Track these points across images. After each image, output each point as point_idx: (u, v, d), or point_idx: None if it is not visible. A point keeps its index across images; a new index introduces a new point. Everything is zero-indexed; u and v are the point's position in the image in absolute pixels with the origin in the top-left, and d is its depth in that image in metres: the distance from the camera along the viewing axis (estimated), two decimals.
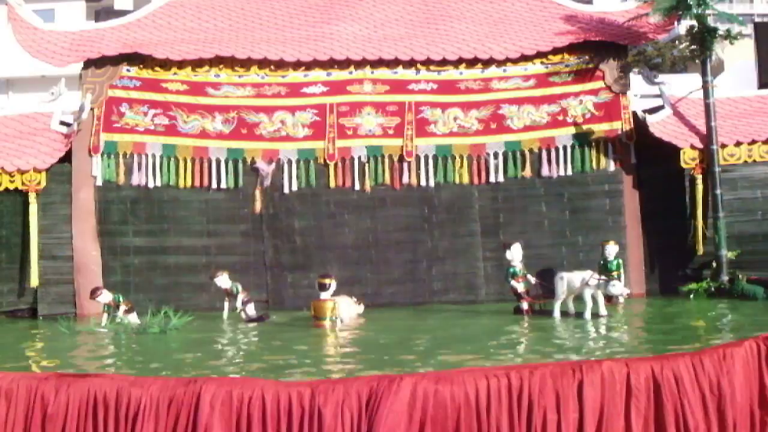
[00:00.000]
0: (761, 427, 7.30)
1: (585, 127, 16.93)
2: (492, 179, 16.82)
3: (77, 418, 6.93)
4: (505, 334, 11.85)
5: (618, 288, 13.23)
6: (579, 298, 13.20)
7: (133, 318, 13.67)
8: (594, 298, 12.96)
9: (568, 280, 13.17)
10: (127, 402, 6.83)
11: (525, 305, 13.62)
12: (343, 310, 13.46)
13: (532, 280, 13.86)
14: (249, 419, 6.66)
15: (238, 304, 14.21)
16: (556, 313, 13.11)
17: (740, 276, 15.03)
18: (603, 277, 13.35)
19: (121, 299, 13.91)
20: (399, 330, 12.49)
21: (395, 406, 6.51)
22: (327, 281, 13.28)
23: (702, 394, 7.06)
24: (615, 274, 15.08)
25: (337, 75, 16.93)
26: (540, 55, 17.10)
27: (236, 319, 14.11)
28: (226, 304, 14.48)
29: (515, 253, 13.90)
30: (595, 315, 12.76)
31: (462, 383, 6.70)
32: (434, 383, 6.68)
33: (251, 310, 14.16)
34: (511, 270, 13.84)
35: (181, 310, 12.90)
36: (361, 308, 14.33)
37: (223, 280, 14.44)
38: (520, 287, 13.75)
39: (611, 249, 15.18)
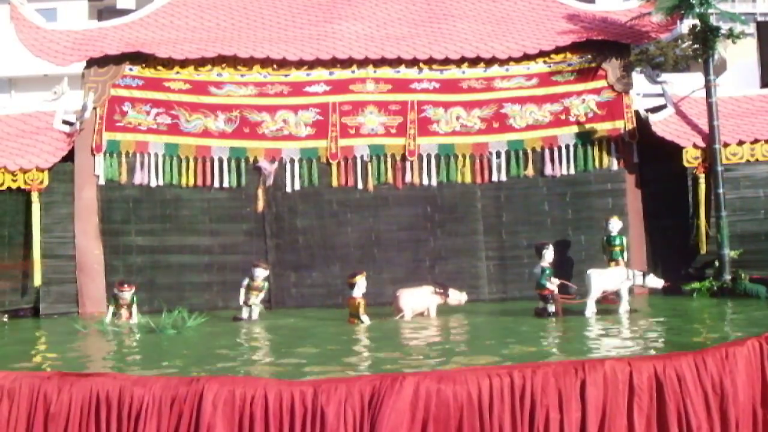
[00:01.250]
0: (763, 425, 7.30)
1: (588, 126, 16.93)
2: (494, 178, 16.82)
3: (80, 417, 6.94)
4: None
5: (655, 280, 13.29)
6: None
7: (134, 317, 13.74)
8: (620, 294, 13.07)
9: (605, 277, 13.11)
10: (130, 401, 6.84)
11: (552, 308, 13.03)
12: (406, 303, 13.50)
13: (556, 281, 13.60)
14: (251, 418, 6.66)
15: (257, 301, 14.16)
16: (591, 311, 12.84)
17: (743, 275, 15.04)
18: (638, 270, 13.41)
19: (135, 300, 14.03)
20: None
21: (398, 405, 6.52)
22: (353, 280, 13.35)
23: (704, 393, 7.06)
24: (617, 249, 15.14)
25: (340, 74, 16.93)
26: (542, 54, 17.10)
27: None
28: (243, 293, 14.09)
29: (550, 255, 13.55)
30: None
31: (464, 382, 6.70)
32: (437, 382, 6.68)
33: (256, 312, 14.21)
34: (548, 271, 13.30)
35: (185, 309, 12.95)
36: (438, 299, 13.88)
37: (261, 273, 14.23)
38: (555, 289, 13.24)
39: (615, 223, 15.10)
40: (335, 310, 14.90)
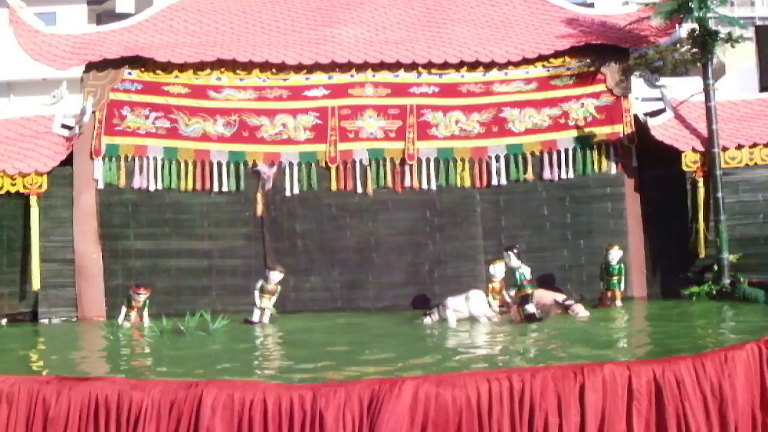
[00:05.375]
0: (763, 429, 7.30)
1: (586, 130, 16.93)
2: (494, 182, 16.80)
3: (78, 422, 6.94)
4: None
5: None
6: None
7: (146, 320, 14.00)
8: None
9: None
10: (129, 405, 6.84)
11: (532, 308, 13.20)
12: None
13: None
14: (250, 422, 6.66)
15: (269, 304, 14.26)
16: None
17: (742, 279, 15.02)
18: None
19: (147, 304, 14.29)
20: None
21: (397, 409, 6.52)
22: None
23: (703, 397, 7.06)
24: (615, 278, 15.08)
25: (339, 78, 16.93)
26: (541, 58, 17.10)
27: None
28: (258, 298, 14.27)
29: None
30: None
31: (463, 386, 6.70)
32: (436, 386, 6.68)
33: (267, 316, 14.28)
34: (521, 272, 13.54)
35: (188, 313, 13.04)
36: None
37: (276, 277, 14.40)
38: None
39: (615, 254, 15.12)
40: (339, 314, 15.03)
